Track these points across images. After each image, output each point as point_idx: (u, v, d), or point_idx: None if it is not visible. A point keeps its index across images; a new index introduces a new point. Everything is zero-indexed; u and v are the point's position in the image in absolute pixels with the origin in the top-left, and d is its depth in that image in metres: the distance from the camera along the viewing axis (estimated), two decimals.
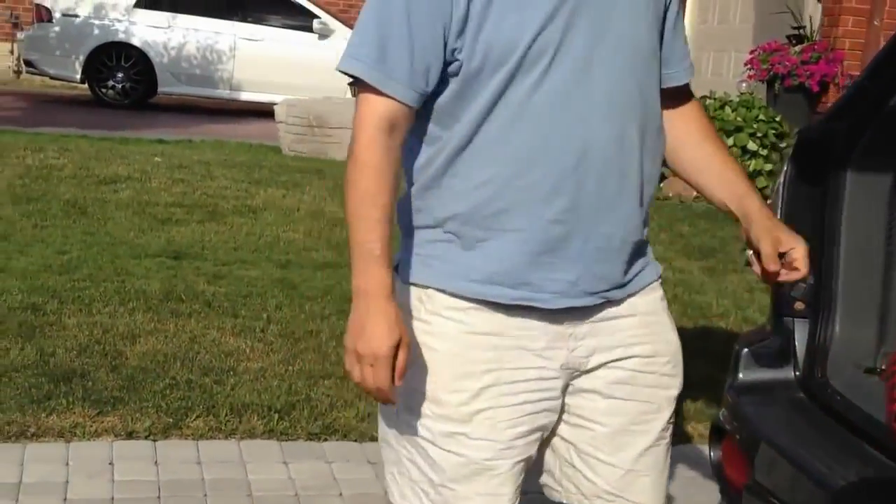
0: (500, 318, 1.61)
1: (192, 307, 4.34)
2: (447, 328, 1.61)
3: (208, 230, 5.80)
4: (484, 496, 1.64)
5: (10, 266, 4.71)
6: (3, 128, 8.94)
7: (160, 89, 12.13)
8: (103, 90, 12.01)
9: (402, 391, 1.60)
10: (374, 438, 3.32)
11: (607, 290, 1.64)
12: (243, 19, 12.24)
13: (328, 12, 12.61)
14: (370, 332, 1.52)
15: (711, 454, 2.00)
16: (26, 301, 4.22)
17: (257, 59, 12.05)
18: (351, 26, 12.54)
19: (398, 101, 1.55)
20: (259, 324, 4.22)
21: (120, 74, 11.99)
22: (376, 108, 1.55)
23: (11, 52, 13.64)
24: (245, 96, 12.23)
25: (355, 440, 3.32)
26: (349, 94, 9.84)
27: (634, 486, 1.72)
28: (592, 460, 1.71)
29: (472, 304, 1.61)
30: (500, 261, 1.59)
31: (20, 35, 12.68)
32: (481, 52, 1.53)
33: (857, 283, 1.92)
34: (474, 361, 1.61)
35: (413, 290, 1.65)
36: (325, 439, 3.30)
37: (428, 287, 1.63)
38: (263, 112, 10.82)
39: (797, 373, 1.93)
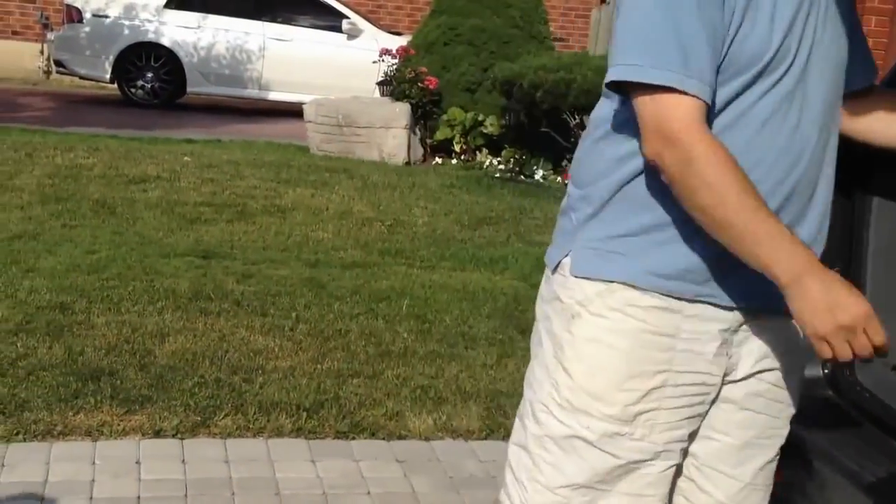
0: (677, 320, 1.56)
1: (221, 306, 4.32)
2: (627, 325, 1.56)
3: (237, 230, 5.78)
4: (630, 496, 1.60)
5: (38, 265, 4.72)
6: (33, 128, 9.01)
7: (189, 89, 12.17)
8: (133, 90, 12.07)
9: (563, 390, 1.58)
10: (401, 437, 3.30)
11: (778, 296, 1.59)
12: (272, 19, 12.26)
13: (357, 12, 12.61)
14: (844, 300, 1.40)
15: None
16: (55, 300, 4.22)
17: (286, 59, 12.06)
18: (380, 26, 12.65)
19: (701, 101, 1.47)
20: (288, 323, 4.19)
21: (149, 74, 12.04)
22: (688, 109, 1.46)
23: (42, 52, 13.75)
24: (274, 96, 12.25)
25: (383, 439, 3.28)
26: (377, 94, 9.83)
27: (749, 499, 1.70)
28: (714, 473, 1.68)
29: (654, 302, 1.56)
30: (688, 256, 1.55)
31: (50, 35, 12.77)
32: (734, 55, 1.49)
33: (884, 280, 1.90)
34: (649, 361, 1.57)
35: (587, 284, 1.59)
36: (353, 438, 3.27)
37: (612, 282, 1.57)
38: (292, 112, 10.82)
39: (825, 370, 1.91)
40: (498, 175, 8.28)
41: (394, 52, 9.67)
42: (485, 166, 8.62)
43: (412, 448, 3.24)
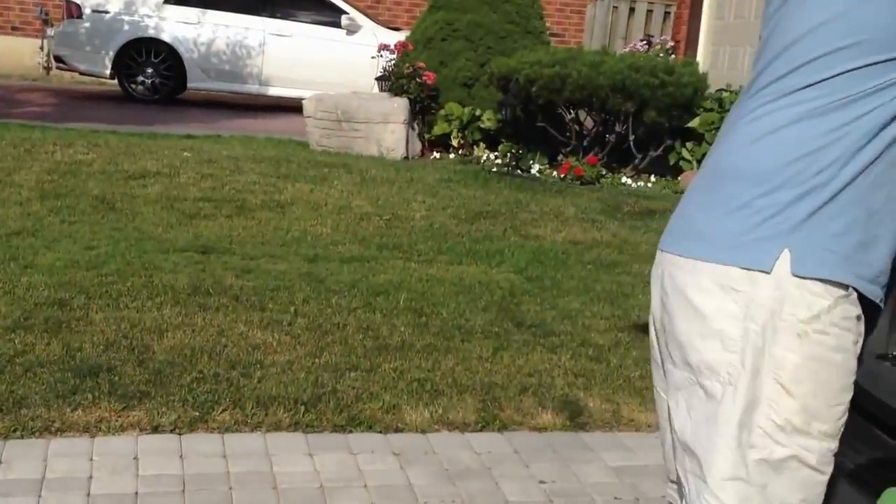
0: (860, 327, 1.55)
1: (219, 301, 4.34)
2: (844, 340, 1.52)
3: (236, 225, 5.80)
4: None
5: (37, 262, 4.74)
6: (32, 123, 9.02)
7: (189, 85, 12.18)
8: (133, 86, 12.08)
9: (783, 412, 1.51)
10: (398, 430, 3.32)
11: None
12: (272, 15, 12.27)
13: (356, 8, 12.61)
14: None
15: None
16: (53, 296, 4.24)
17: (286, 54, 12.08)
18: (378, 22, 12.66)
19: None
20: (286, 317, 4.21)
21: (149, 70, 12.06)
22: None
23: (41, 48, 13.76)
24: (274, 91, 12.27)
25: (380, 432, 3.30)
26: (376, 89, 9.83)
27: None
28: None
29: (857, 312, 1.52)
30: (881, 260, 1.53)
31: (50, 31, 12.79)
32: None
33: None
34: (852, 372, 1.54)
35: (811, 297, 1.50)
36: (351, 431, 3.29)
37: (836, 285, 1.50)
38: (292, 107, 10.83)
39: None
40: (495, 169, 8.30)
41: (392, 47, 9.69)
42: (482, 161, 8.63)
43: (409, 440, 3.26)
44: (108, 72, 12.09)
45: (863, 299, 1.53)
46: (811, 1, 1.53)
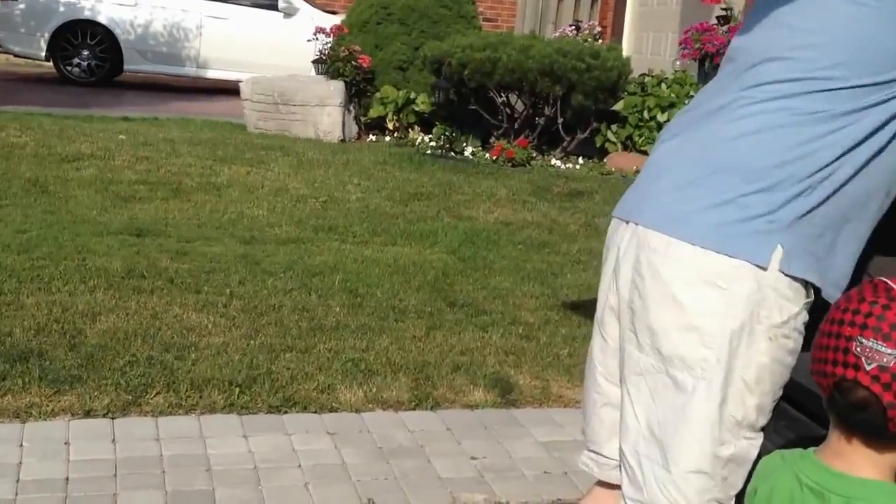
0: None
1: (154, 284, 4.33)
2: (798, 344, 1.57)
3: (172, 207, 5.77)
4: None
5: None
6: None
7: (126, 67, 12.01)
8: (68, 68, 11.87)
9: (750, 412, 1.55)
10: (333, 409, 3.36)
11: None
12: None
13: None
14: None
15: None
16: None
17: (224, 36, 11.95)
18: (315, 5, 12.55)
19: None
20: (222, 299, 4.22)
21: (85, 52, 11.85)
22: None
23: None
24: (211, 74, 12.14)
25: (315, 412, 3.34)
26: (313, 72, 9.80)
27: None
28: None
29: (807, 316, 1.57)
30: (846, 265, 1.58)
31: None
32: None
33: None
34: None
35: (791, 293, 1.53)
36: (286, 412, 3.32)
37: (810, 293, 1.54)
38: (230, 90, 10.74)
39: None
40: (429, 152, 8.35)
41: (328, 30, 9.65)
42: (417, 143, 8.68)
43: (343, 420, 3.30)
44: (43, 54, 11.85)
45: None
46: (826, 12, 1.53)
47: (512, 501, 2.88)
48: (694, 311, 1.53)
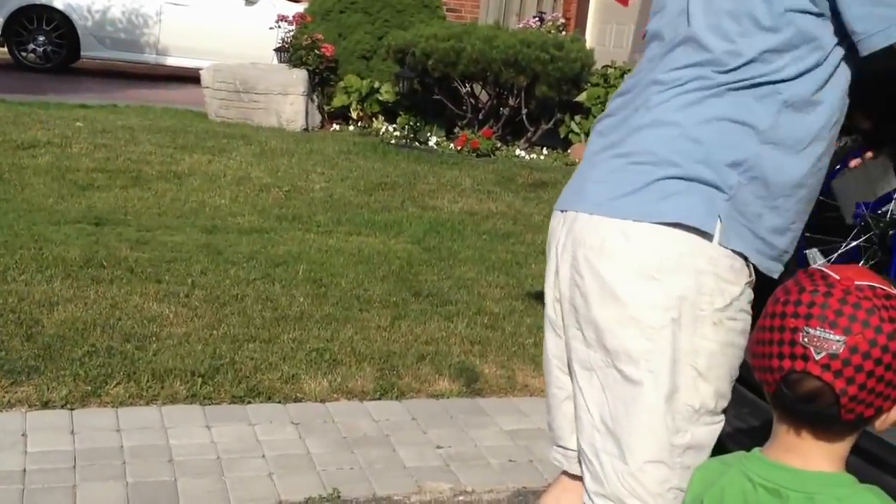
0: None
1: (113, 273, 4.26)
2: (747, 324, 1.58)
3: (131, 196, 5.69)
4: None
5: None
6: None
7: (83, 53, 11.82)
8: (23, 54, 11.66)
9: (704, 397, 1.56)
10: (297, 399, 3.33)
11: None
12: None
13: None
14: None
15: None
16: None
17: (184, 23, 11.81)
18: None
19: None
20: (183, 289, 4.16)
21: (41, 38, 11.65)
22: None
23: None
24: (171, 61, 11.99)
25: (279, 402, 3.31)
26: (275, 60, 9.71)
27: None
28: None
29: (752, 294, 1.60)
30: (787, 242, 1.60)
31: None
32: None
33: None
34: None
35: (731, 275, 1.55)
36: (249, 402, 3.29)
37: (751, 276, 1.58)
38: (190, 78, 10.62)
39: None
40: (393, 141, 8.32)
41: (290, 18, 9.57)
42: (381, 133, 8.64)
43: (307, 410, 3.27)
44: None
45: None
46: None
47: (477, 490, 2.87)
48: (633, 305, 1.54)
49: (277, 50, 9.66)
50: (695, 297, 1.52)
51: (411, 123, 8.45)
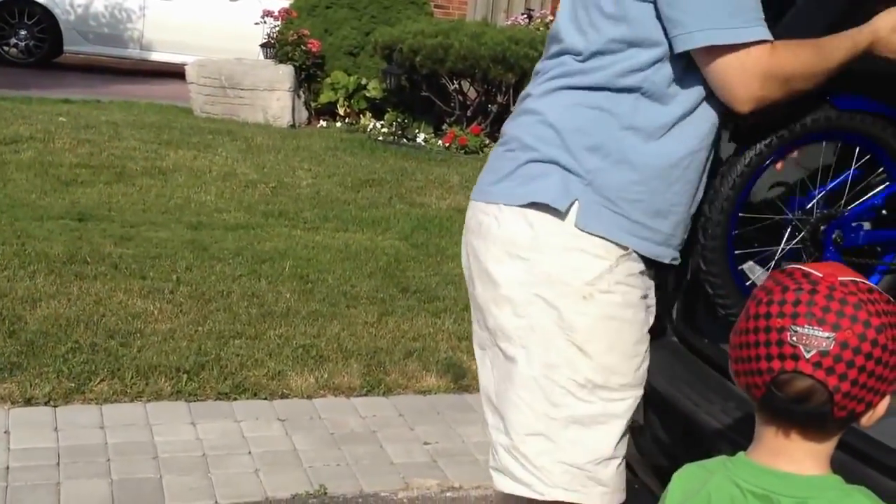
0: (647, 281, 1.66)
1: (97, 269, 4.22)
2: (629, 296, 1.61)
3: (116, 192, 5.64)
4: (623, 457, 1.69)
5: None
6: None
7: (66, 48, 11.73)
8: (5, 48, 11.56)
9: (582, 371, 1.59)
10: (283, 396, 3.31)
11: None
12: None
13: None
14: None
15: None
16: None
17: (168, 18, 11.73)
18: None
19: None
20: (168, 285, 4.13)
21: (23, 32, 11.55)
22: (762, 52, 1.55)
23: None
24: (156, 57, 11.91)
25: (265, 398, 3.28)
26: (261, 56, 9.67)
27: None
28: None
29: (641, 268, 1.62)
30: (672, 226, 1.63)
31: None
32: None
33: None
34: (643, 324, 1.65)
35: (609, 245, 1.60)
36: (235, 398, 3.26)
37: (627, 248, 1.61)
38: (175, 73, 10.56)
39: (671, 321, 2.02)
40: (381, 138, 8.30)
41: (276, 13, 9.52)
42: (368, 129, 8.61)
43: (294, 406, 3.25)
44: None
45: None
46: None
47: (465, 486, 2.86)
48: (504, 284, 1.63)
49: (263, 45, 9.61)
50: (561, 272, 1.58)
51: (399, 120, 8.43)
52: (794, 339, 1.15)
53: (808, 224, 1.70)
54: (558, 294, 1.58)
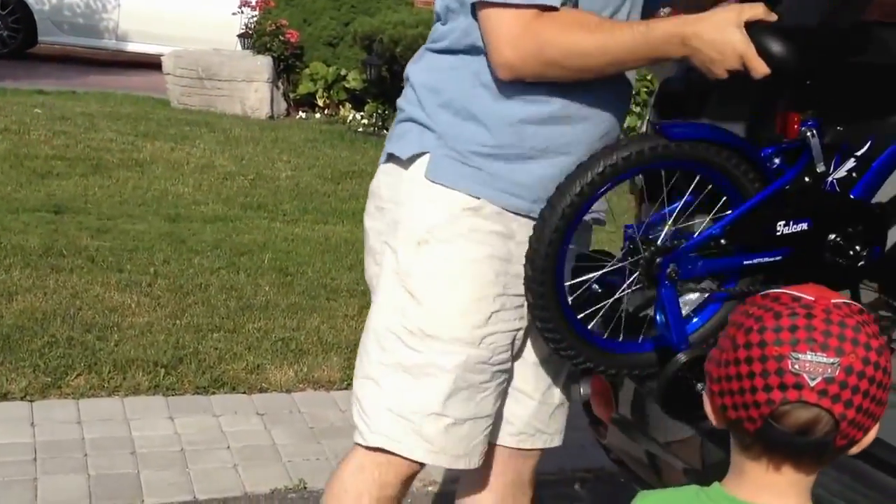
0: (511, 246, 1.61)
1: (73, 262, 4.18)
2: (471, 252, 1.59)
3: (92, 184, 5.59)
4: (476, 418, 1.65)
5: None
6: None
7: (41, 39, 11.62)
8: None
9: (412, 318, 1.60)
10: (262, 390, 3.29)
11: None
12: None
13: None
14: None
15: (581, 390, 2.06)
16: None
17: (144, 8, 11.63)
18: None
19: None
20: (146, 278, 4.09)
21: None
22: (521, 17, 1.52)
23: None
24: (132, 47, 11.82)
25: (244, 392, 3.26)
26: (238, 47, 9.60)
27: (554, 417, 1.81)
28: (519, 394, 1.76)
29: (495, 228, 1.60)
30: (541, 178, 1.60)
31: None
32: None
33: None
34: (490, 286, 1.61)
35: (454, 195, 1.60)
36: (213, 392, 3.24)
37: (478, 198, 1.60)
38: (152, 64, 10.47)
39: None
40: (361, 129, 8.27)
41: (253, 3, 9.46)
42: (348, 121, 8.58)
43: (273, 400, 3.23)
44: None
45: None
46: None
47: (444, 480, 2.85)
48: (370, 236, 1.73)
49: (241, 36, 9.55)
50: (405, 220, 1.62)
51: (379, 111, 8.40)
52: (797, 366, 1.08)
53: (650, 249, 1.58)
54: (400, 241, 1.62)
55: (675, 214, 1.60)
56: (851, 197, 1.70)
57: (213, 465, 2.82)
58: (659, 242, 1.58)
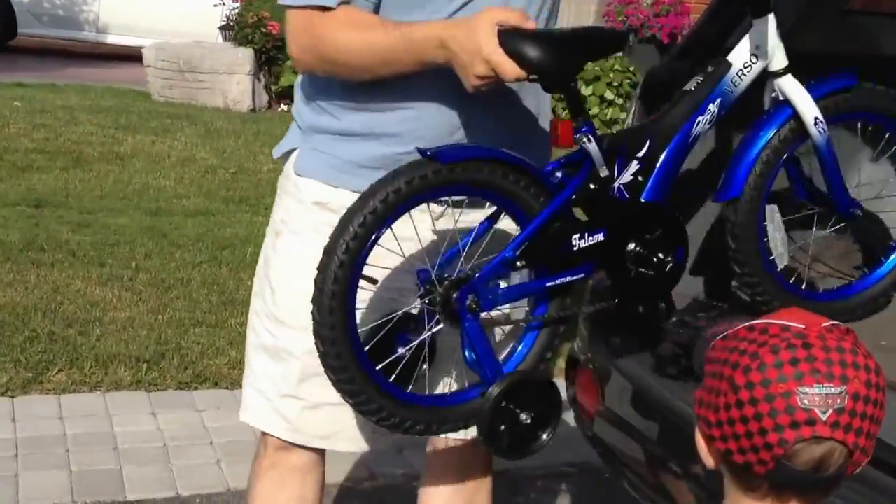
0: None
1: (54, 257, 4.16)
2: (321, 244, 1.54)
3: (72, 177, 5.55)
4: (332, 405, 1.67)
5: None
6: None
7: (20, 31, 11.51)
8: None
9: (269, 304, 1.69)
10: None
11: None
12: None
13: None
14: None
15: (566, 383, 2.07)
16: None
17: (124, 0, 11.55)
18: None
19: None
20: (127, 273, 4.07)
21: None
22: (304, 17, 1.60)
23: None
24: (112, 39, 11.73)
25: (227, 388, 3.26)
26: (220, 39, 9.56)
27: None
28: None
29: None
30: (359, 149, 1.68)
31: None
32: None
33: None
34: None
35: (312, 186, 1.67)
36: (196, 388, 3.24)
37: (336, 187, 1.66)
38: (132, 56, 10.40)
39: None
40: None
41: None
42: None
43: None
44: None
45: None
46: None
47: None
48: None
49: (222, 28, 9.51)
50: (273, 211, 1.75)
51: None
52: (806, 401, 1.02)
53: (444, 285, 1.47)
54: (268, 230, 1.75)
55: (467, 248, 1.51)
56: (643, 201, 1.63)
57: (196, 461, 2.81)
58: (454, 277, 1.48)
